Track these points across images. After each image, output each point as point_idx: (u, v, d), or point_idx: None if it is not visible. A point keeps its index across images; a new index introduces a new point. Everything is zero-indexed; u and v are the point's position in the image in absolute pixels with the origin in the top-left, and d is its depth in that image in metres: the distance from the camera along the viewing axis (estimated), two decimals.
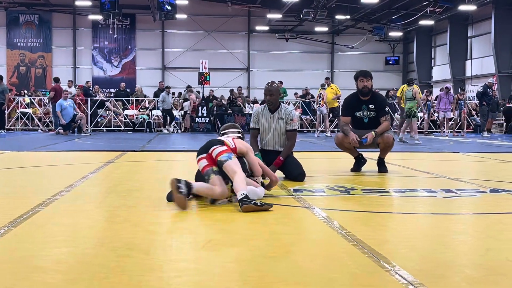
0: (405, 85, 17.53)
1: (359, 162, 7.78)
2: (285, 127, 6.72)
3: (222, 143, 5.05)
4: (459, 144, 15.17)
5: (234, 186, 4.75)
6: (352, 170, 7.72)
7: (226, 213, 4.63)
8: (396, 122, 23.82)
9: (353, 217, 4.51)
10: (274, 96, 6.75)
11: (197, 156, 5.11)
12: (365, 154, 8.03)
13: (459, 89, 22.60)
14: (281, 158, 6.59)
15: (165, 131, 21.70)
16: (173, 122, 22.61)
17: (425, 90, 23.90)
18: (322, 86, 19.89)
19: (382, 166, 7.69)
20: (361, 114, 7.46)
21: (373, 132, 7.26)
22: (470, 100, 25.50)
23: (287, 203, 4.96)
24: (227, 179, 4.90)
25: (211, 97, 23.56)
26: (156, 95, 23.62)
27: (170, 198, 4.88)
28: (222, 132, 5.63)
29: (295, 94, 26.42)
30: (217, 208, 4.77)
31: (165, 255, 3.21)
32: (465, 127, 21.58)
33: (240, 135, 5.51)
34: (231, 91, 25.98)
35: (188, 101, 23.52)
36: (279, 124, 6.76)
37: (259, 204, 4.56)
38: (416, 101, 16.33)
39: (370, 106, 7.39)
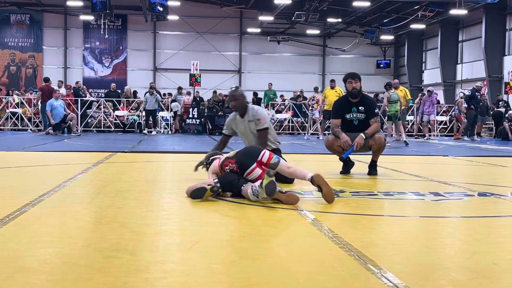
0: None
1: (348, 164, 7.78)
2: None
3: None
4: (449, 147, 15.23)
5: (300, 174, 5.33)
6: (341, 172, 7.72)
7: (214, 215, 4.63)
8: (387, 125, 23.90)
9: (341, 220, 4.51)
10: (239, 101, 6.76)
11: (243, 165, 5.31)
12: (356, 157, 8.04)
13: (460, 93, 22.93)
14: None
15: (145, 131, 21.38)
16: (156, 126, 22.10)
17: (420, 94, 23.99)
18: (316, 90, 19.93)
19: (373, 169, 7.68)
20: (351, 116, 7.46)
21: (362, 135, 7.25)
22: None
23: (276, 206, 4.95)
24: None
25: (198, 99, 23.46)
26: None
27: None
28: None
29: (281, 96, 26.44)
30: (205, 210, 4.76)
31: (152, 256, 3.20)
32: (460, 131, 21.72)
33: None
34: (214, 92, 25.76)
35: (176, 102, 23.43)
36: (251, 127, 6.77)
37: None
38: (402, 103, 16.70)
39: (360, 108, 7.39)
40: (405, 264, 3.11)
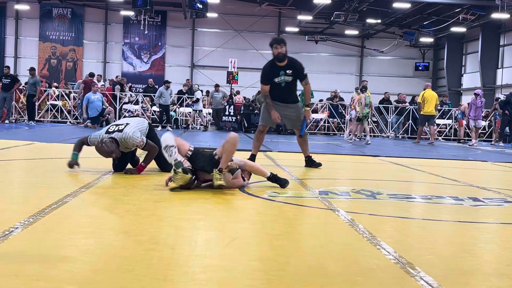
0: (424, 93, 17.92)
1: (310, 162, 8.16)
2: None
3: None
4: (488, 153, 15.01)
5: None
6: (305, 166, 8.13)
7: (251, 213, 4.65)
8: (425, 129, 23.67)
9: (378, 221, 4.49)
10: None
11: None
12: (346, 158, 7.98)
13: (495, 99, 22.30)
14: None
15: (168, 128, 21.07)
16: (169, 122, 21.86)
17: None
18: (356, 90, 19.86)
19: (311, 163, 8.13)
20: (279, 80, 7.77)
21: (306, 108, 7.95)
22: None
23: (312, 205, 4.95)
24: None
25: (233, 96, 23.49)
26: (180, 93, 23.69)
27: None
28: None
29: (320, 100, 26.26)
30: (241, 207, 4.79)
31: (191, 251, 3.23)
32: (497, 136, 21.27)
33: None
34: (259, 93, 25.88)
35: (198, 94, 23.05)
36: None
37: None
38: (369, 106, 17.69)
39: (288, 71, 7.73)
40: (444, 269, 3.09)
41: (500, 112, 21.07)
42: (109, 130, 6.51)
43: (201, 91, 23.63)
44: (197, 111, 22.46)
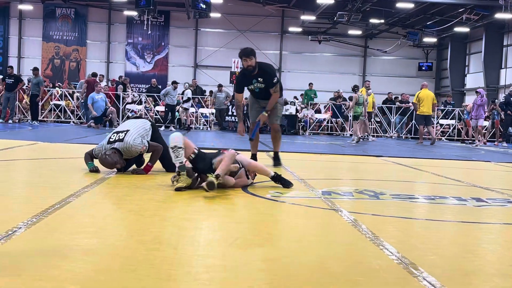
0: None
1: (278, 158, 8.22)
2: None
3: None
4: (491, 153, 14.99)
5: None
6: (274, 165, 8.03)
7: (253, 213, 4.65)
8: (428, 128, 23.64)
9: (381, 222, 4.48)
10: None
11: None
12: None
13: (491, 100, 22.21)
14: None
15: (172, 128, 21.21)
16: (174, 122, 21.93)
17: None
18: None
19: (277, 160, 8.12)
20: (253, 87, 7.81)
21: (264, 113, 7.75)
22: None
23: (315, 205, 4.95)
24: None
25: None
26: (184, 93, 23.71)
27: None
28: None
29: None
30: (244, 208, 4.79)
31: (193, 251, 3.23)
32: (497, 136, 21.22)
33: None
34: None
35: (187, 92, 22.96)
36: None
37: None
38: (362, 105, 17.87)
39: (259, 79, 7.70)
40: (447, 269, 3.08)
41: (499, 111, 21.02)
42: (111, 139, 6.52)
43: (191, 89, 23.58)
44: (184, 110, 22.50)
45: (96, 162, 6.59)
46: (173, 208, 4.68)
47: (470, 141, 21.25)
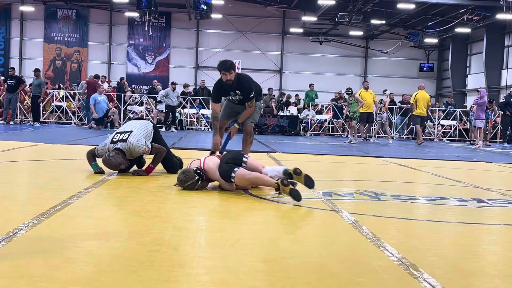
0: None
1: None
2: None
3: None
4: (492, 153, 14.98)
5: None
6: None
7: (254, 214, 4.65)
8: (429, 129, 23.65)
9: (382, 223, 4.49)
10: None
11: None
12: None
13: (488, 101, 22.20)
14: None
15: (173, 129, 21.14)
16: (175, 123, 21.79)
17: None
18: (384, 91, 19.80)
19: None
20: (231, 98, 7.68)
21: (236, 125, 7.65)
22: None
23: (316, 206, 4.95)
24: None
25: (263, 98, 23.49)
26: (184, 94, 23.68)
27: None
28: None
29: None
30: (245, 209, 4.79)
31: (194, 252, 3.24)
32: (488, 137, 21.13)
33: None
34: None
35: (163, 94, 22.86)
36: None
37: None
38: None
39: (237, 91, 7.53)
40: (448, 270, 3.08)
41: (495, 111, 21.01)
42: (114, 139, 6.52)
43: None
44: (159, 111, 22.52)
45: (99, 162, 6.59)
46: (174, 209, 4.68)
47: (471, 142, 21.22)
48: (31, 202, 4.78)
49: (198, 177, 5.51)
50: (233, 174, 5.39)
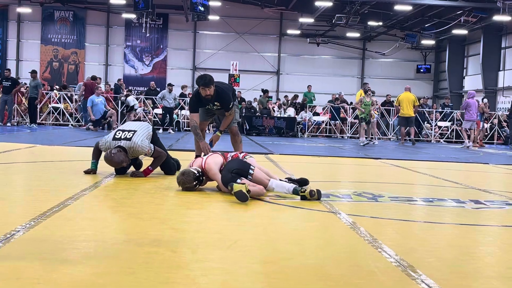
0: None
1: None
2: None
3: None
4: (489, 155, 15.00)
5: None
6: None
7: (252, 215, 4.65)
8: (426, 131, 23.68)
9: (379, 224, 4.49)
10: None
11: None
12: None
13: (481, 100, 22.28)
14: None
15: (170, 131, 21.08)
16: (172, 124, 21.79)
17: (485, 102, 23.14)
18: (373, 93, 19.81)
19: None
20: (209, 107, 7.61)
21: (218, 133, 7.69)
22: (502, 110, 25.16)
23: (314, 208, 4.95)
24: None
25: (239, 99, 23.55)
26: (182, 95, 23.69)
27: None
28: None
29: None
30: (243, 210, 4.79)
31: (192, 254, 3.24)
32: (475, 138, 21.09)
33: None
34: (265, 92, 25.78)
35: (131, 97, 22.78)
36: None
37: None
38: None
39: (216, 103, 7.48)
40: (445, 271, 3.09)
41: (486, 112, 21.25)
42: (116, 136, 6.51)
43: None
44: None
45: (101, 162, 6.58)
46: (172, 211, 4.68)
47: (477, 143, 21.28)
48: (29, 204, 4.77)
49: (196, 181, 5.51)
50: None
